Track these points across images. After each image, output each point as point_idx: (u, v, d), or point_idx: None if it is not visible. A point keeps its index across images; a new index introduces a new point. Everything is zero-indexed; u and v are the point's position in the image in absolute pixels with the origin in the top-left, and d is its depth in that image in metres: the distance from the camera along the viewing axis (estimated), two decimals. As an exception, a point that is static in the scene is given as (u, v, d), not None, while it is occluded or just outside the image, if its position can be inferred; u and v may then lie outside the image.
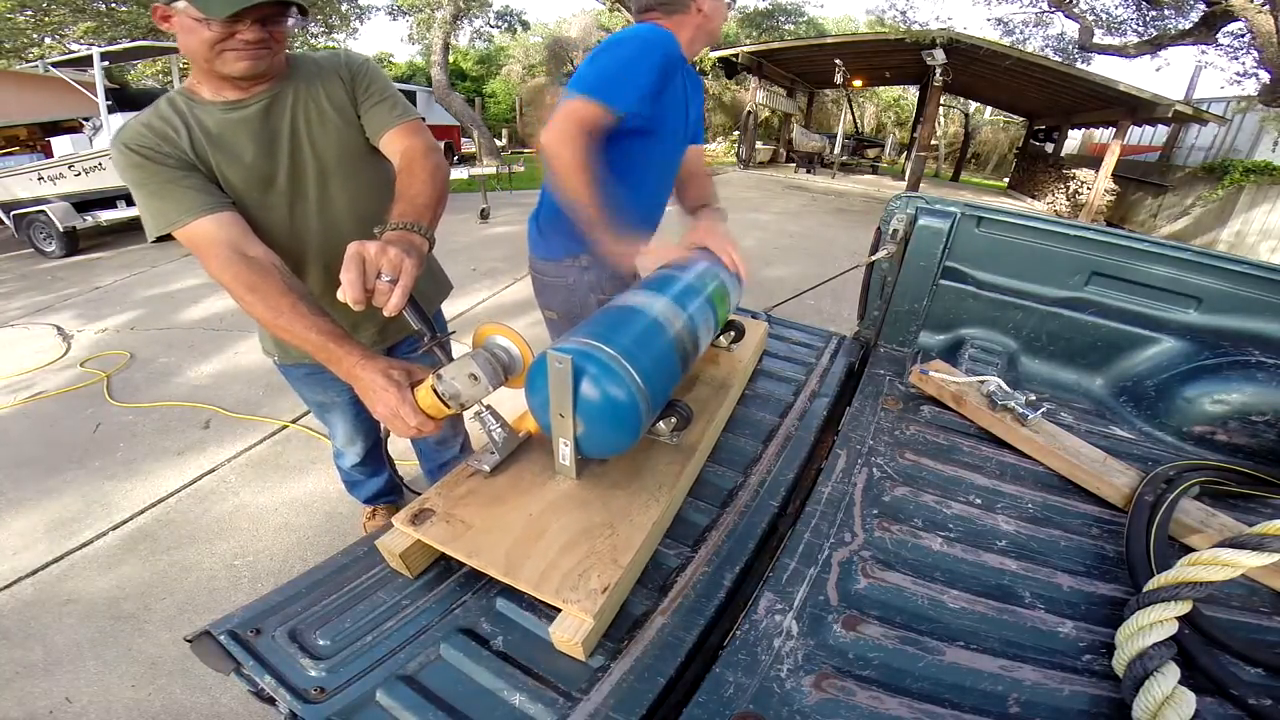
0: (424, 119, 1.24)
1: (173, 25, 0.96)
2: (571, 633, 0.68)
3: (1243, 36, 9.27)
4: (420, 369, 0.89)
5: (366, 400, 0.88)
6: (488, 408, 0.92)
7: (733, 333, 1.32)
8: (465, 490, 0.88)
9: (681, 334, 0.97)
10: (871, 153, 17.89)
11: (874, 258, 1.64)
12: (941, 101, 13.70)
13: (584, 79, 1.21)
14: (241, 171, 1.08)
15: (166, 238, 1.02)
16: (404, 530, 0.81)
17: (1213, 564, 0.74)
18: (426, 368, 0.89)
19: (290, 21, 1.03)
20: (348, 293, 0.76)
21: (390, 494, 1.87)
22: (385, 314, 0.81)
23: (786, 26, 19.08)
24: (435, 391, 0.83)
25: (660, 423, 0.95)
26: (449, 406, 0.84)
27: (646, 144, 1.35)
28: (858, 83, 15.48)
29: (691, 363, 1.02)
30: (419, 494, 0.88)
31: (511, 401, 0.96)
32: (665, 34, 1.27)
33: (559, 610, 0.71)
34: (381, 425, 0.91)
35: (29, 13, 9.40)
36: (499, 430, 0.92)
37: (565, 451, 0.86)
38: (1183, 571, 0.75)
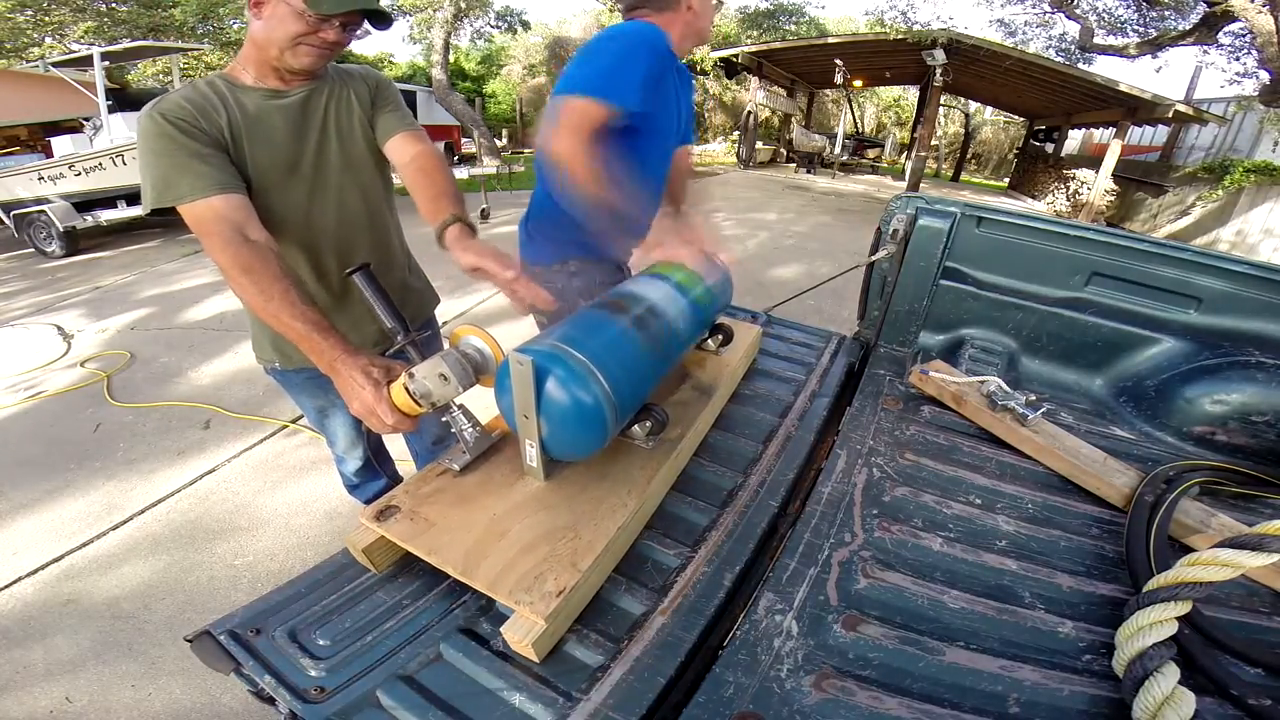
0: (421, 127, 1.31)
1: (262, 12, 1.04)
2: (522, 634, 0.68)
3: (1243, 37, 9.26)
4: (400, 367, 0.89)
5: (344, 395, 0.88)
6: (460, 407, 0.92)
7: (721, 336, 1.31)
8: (433, 488, 0.88)
9: (657, 337, 0.96)
10: (872, 153, 17.88)
11: (874, 258, 1.64)
12: (942, 102, 13.69)
13: (578, 79, 1.19)
14: (272, 154, 1.13)
15: (165, 217, 1.03)
16: (368, 525, 0.81)
17: (1213, 564, 0.74)
18: (405, 365, 0.89)
19: (358, 31, 1.13)
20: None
21: (390, 494, 1.86)
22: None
23: (787, 26, 19.06)
24: (407, 390, 0.84)
25: (635, 426, 0.95)
26: (421, 405, 0.84)
27: (638, 143, 1.34)
28: (858, 83, 15.49)
29: (669, 366, 1.02)
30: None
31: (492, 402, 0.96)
32: (655, 29, 1.26)
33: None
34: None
35: (29, 12, 9.39)
36: (470, 430, 0.93)
37: (531, 453, 0.86)
38: (1183, 571, 0.75)
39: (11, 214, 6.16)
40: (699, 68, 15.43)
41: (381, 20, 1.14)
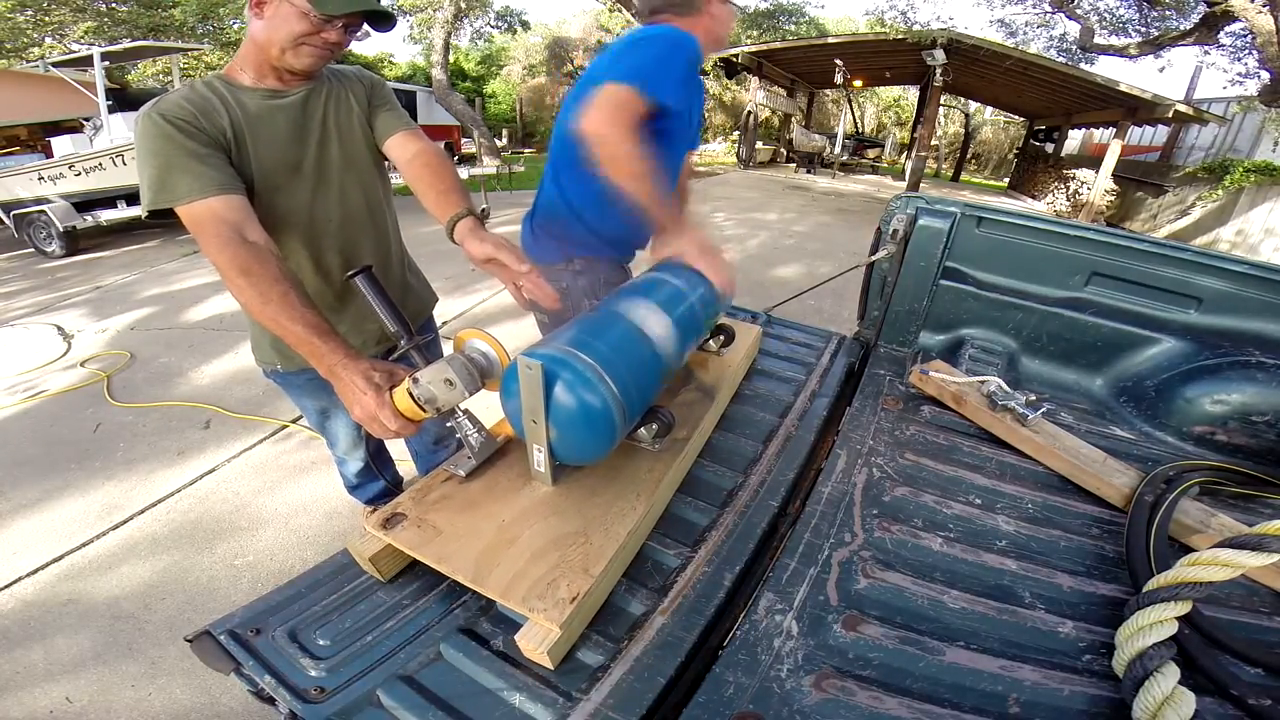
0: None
1: (264, 12, 1.04)
2: (537, 642, 0.68)
3: (1243, 37, 9.26)
4: (402, 371, 0.87)
5: (345, 401, 0.86)
6: (465, 412, 0.91)
7: (722, 336, 1.31)
8: (439, 495, 0.87)
9: (664, 339, 0.96)
10: (872, 153, 17.90)
11: (874, 258, 1.64)
12: (942, 102, 13.70)
13: (620, 69, 1.17)
14: (275, 153, 1.13)
15: (164, 219, 1.03)
16: (374, 534, 0.80)
17: (1213, 564, 0.74)
18: (408, 370, 0.87)
19: (358, 33, 1.14)
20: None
21: (390, 495, 1.87)
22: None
23: (787, 26, 19.07)
24: (411, 395, 0.82)
25: (641, 429, 0.94)
26: (426, 410, 0.83)
27: (662, 144, 1.34)
28: (858, 83, 15.50)
29: (675, 369, 1.02)
30: (419, 494, 0.88)
31: (495, 406, 0.95)
32: (689, 35, 1.26)
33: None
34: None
35: (29, 13, 9.39)
36: (475, 435, 0.91)
37: (539, 457, 0.85)
38: (1183, 571, 0.75)
39: (11, 214, 6.16)
40: (699, 68, 15.42)
41: (384, 22, 1.14)
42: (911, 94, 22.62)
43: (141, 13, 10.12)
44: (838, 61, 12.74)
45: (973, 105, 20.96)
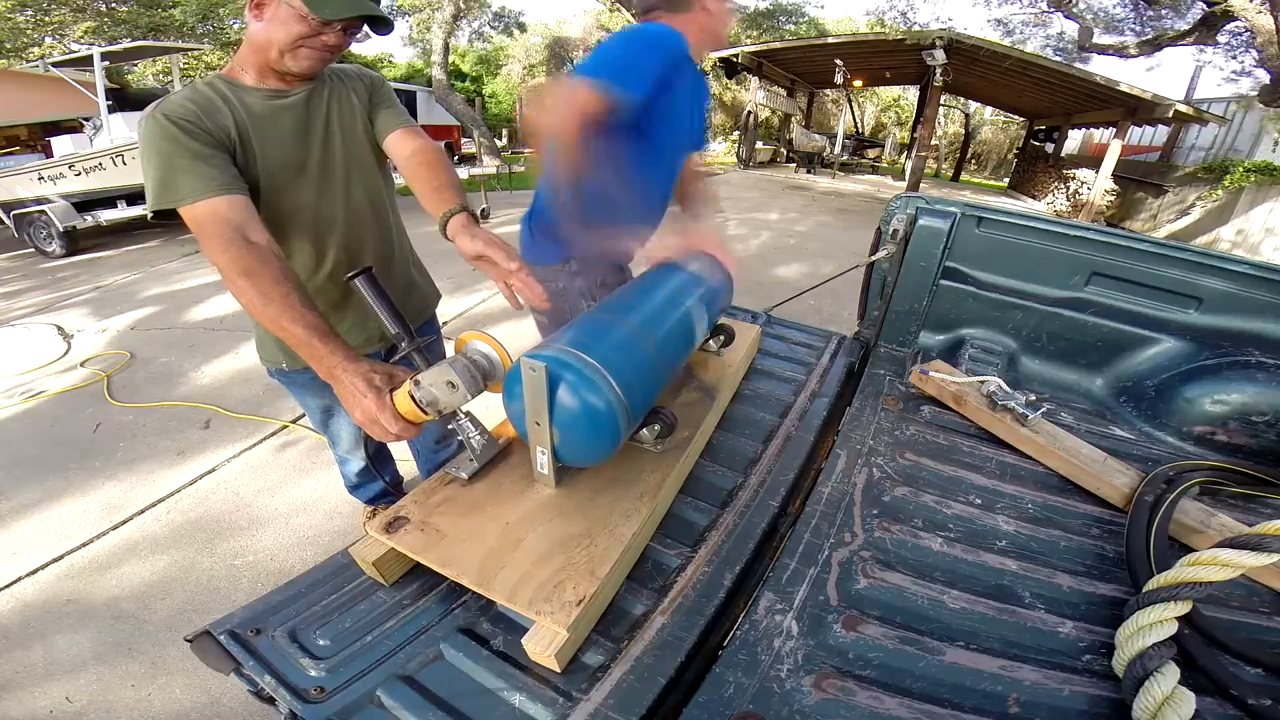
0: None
1: (263, 15, 1.04)
2: (544, 645, 0.67)
3: (1240, 35, 9.27)
4: (403, 373, 0.87)
5: (345, 403, 0.86)
6: (466, 414, 0.90)
7: (722, 337, 1.31)
8: (441, 498, 0.87)
9: (665, 340, 0.96)
10: (872, 153, 17.91)
11: (874, 258, 1.64)
12: (942, 102, 13.69)
13: (589, 66, 1.19)
14: (281, 153, 1.14)
15: (168, 220, 1.03)
16: (377, 538, 0.80)
17: (1213, 564, 0.74)
18: (408, 372, 0.87)
19: (358, 36, 1.15)
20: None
21: (390, 495, 1.87)
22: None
23: (787, 26, 19.07)
24: (413, 398, 0.82)
25: (644, 430, 0.94)
26: (427, 413, 0.82)
27: (649, 144, 1.34)
28: (858, 83, 15.48)
29: (677, 369, 1.01)
30: (419, 494, 0.88)
31: (496, 406, 0.95)
32: (672, 31, 1.26)
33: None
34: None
35: (29, 13, 9.40)
36: (477, 437, 0.91)
37: (543, 460, 0.85)
38: (1183, 571, 0.75)
39: (11, 214, 6.15)
40: (699, 68, 15.44)
41: (383, 25, 1.13)
42: (911, 94, 22.60)
43: (141, 13, 10.13)
44: (838, 61, 12.72)
45: (973, 105, 20.94)
